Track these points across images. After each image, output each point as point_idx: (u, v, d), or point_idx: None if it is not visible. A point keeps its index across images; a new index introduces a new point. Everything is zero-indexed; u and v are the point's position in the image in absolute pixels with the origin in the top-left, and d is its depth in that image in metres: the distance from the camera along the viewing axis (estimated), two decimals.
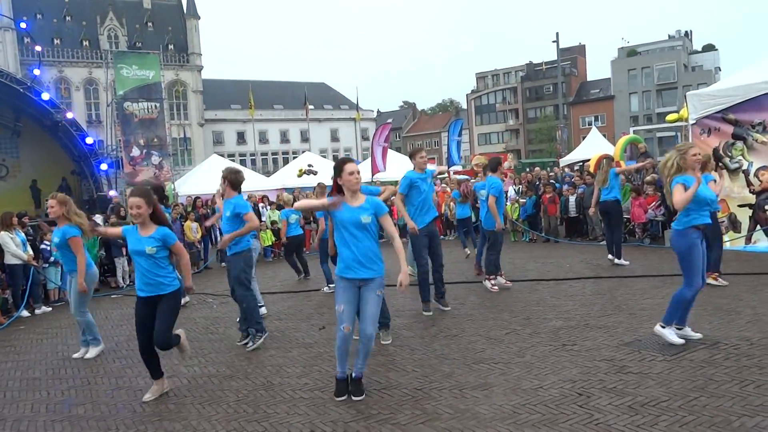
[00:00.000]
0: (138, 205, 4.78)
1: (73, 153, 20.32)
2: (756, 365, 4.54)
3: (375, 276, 4.48)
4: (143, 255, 4.77)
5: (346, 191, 4.53)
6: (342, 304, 4.46)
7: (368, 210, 4.47)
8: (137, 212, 4.78)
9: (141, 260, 4.81)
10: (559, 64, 38.60)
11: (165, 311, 4.81)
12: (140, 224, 4.85)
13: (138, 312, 4.89)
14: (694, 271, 5.15)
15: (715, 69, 64.03)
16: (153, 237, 4.80)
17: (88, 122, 45.55)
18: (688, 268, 5.19)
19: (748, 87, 10.03)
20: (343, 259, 4.48)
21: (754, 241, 10.19)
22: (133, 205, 4.79)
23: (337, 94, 68.85)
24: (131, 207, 4.81)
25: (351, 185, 4.50)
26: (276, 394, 4.82)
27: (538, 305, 7.28)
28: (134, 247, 4.82)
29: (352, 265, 4.44)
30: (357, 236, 4.44)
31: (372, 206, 4.50)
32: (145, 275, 4.80)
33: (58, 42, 48.99)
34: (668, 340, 5.20)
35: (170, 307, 4.85)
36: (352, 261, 4.44)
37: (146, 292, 4.82)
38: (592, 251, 11.62)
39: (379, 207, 4.53)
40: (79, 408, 4.89)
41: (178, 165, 44.61)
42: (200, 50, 55.35)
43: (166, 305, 4.82)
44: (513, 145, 72.64)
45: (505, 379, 4.72)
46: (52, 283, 10.53)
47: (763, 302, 6.50)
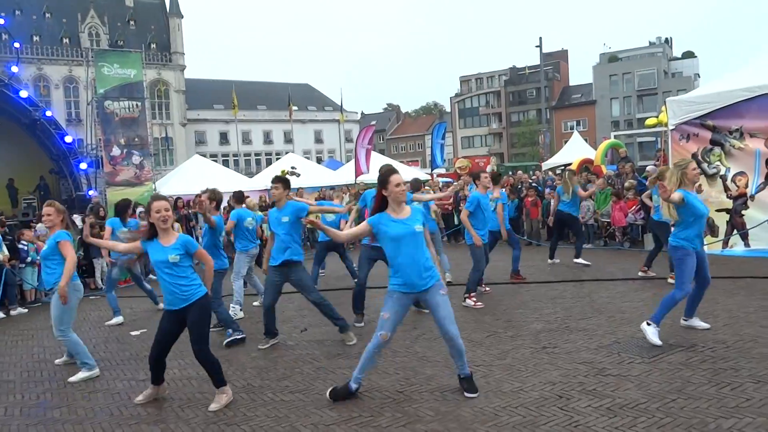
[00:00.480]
0: (166, 208, 4.59)
1: (52, 152, 20.01)
2: (732, 368, 4.60)
3: (436, 282, 4.42)
4: (166, 264, 4.55)
5: (391, 202, 4.41)
6: (389, 312, 4.40)
7: (419, 220, 4.42)
8: (165, 215, 4.55)
9: (164, 272, 4.57)
10: (542, 68, 38.91)
11: (196, 324, 4.58)
12: (162, 231, 4.62)
13: (162, 325, 4.71)
14: (686, 277, 5.43)
15: (694, 75, 65.02)
16: (175, 246, 4.58)
17: (67, 121, 44.93)
18: (681, 274, 5.46)
19: (726, 94, 10.19)
20: (402, 274, 4.35)
21: (730, 245, 10.35)
22: (162, 208, 4.57)
23: (321, 95, 68.72)
24: (158, 211, 4.55)
25: (398, 198, 4.38)
26: (256, 397, 4.79)
27: (519, 308, 7.32)
28: (157, 257, 4.58)
29: (413, 279, 4.34)
30: (416, 245, 4.35)
31: (420, 214, 4.48)
32: (170, 287, 4.57)
33: (38, 39, 48.25)
34: (648, 339, 5.34)
35: (200, 317, 4.61)
36: (414, 275, 4.33)
37: (173, 305, 4.60)
38: (573, 254, 11.70)
39: (422, 213, 4.54)
40: (55, 411, 4.82)
41: (160, 165, 44.16)
42: (183, 49, 54.89)
43: (195, 315, 4.58)
44: (496, 148, 73.04)
45: (486, 381, 4.74)
46: (28, 284, 10.36)
47: (739, 306, 6.61)
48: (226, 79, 58.79)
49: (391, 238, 4.35)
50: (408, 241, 4.33)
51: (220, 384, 4.71)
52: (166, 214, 4.57)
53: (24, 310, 9.79)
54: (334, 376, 5.15)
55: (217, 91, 58.53)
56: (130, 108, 24.12)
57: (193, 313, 4.58)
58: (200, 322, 4.62)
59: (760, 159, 9.89)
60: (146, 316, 8.63)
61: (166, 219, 4.58)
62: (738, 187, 10.19)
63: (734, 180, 10.24)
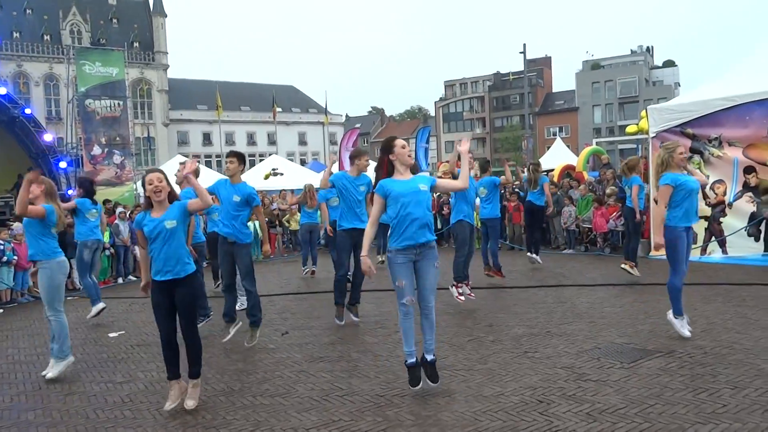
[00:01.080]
0: (159, 179, 4.48)
1: (31, 150, 19.69)
2: (709, 373, 4.66)
3: (431, 241, 4.55)
4: (162, 234, 4.43)
5: (399, 166, 4.58)
6: (402, 279, 4.49)
7: (424, 181, 4.56)
8: (159, 186, 4.45)
9: (158, 242, 4.47)
10: (526, 74, 39.17)
11: (186, 298, 4.54)
12: (158, 204, 4.51)
13: (155, 299, 4.57)
14: (678, 259, 5.62)
15: (674, 84, 66.00)
16: (171, 209, 4.51)
17: (47, 119, 44.33)
18: (673, 257, 5.65)
19: (706, 103, 10.35)
20: (403, 229, 4.46)
21: (708, 252, 10.51)
22: (155, 179, 4.47)
23: (306, 97, 68.57)
24: (150, 183, 4.46)
25: (405, 159, 4.57)
26: (236, 400, 4.74)
27: (501, 312, 7.34)
28: (150, 228, 4.47)
29: (413, 232, 4.45)
30: (419, 202, 4.46)
31: (425, 179, 4.61)
32: (163, 257, 4.47)
33: (18, 35, 47.60)
34: (677, 330, 5.64)
35: (190, 291, 4.57)
36: (414, 227, 4.45)
37: (164, 276, 4.49)
38: (555, 259, 11.81)
39: (431, 179, 4.66)
40: (29, 413, 4.72)
41: (141, 165, 43.69)
42: (166, 49, 54.52)
43: (185, 289, 4.52)
44: (479, 153, 73.36)
45: (467, 385, 4.74)
46: (3, 284, 10.18)
47: (717, 312, 6.69)
48: (210, 80, 58.46)
49: (396, 195, 4.47)
50: (411, 198, 4.46)
51: (196, 374, 4.68)
52: (159, 185, 4.47)
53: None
54: (315, 379, 5.12)
55: (201, 91, 58.16)
56: (112, 107, 23.88)
57: (182, 288, 4.54)
58: (192, 297, 4.62)
59: (738, 167, 10.06)
60: (125, 317, 8.51)
61: (159, 190, 4.47)
62: (716, 194, 10.35)
63: (713, 188, 10.39)
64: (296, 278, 11.43)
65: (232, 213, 6.31)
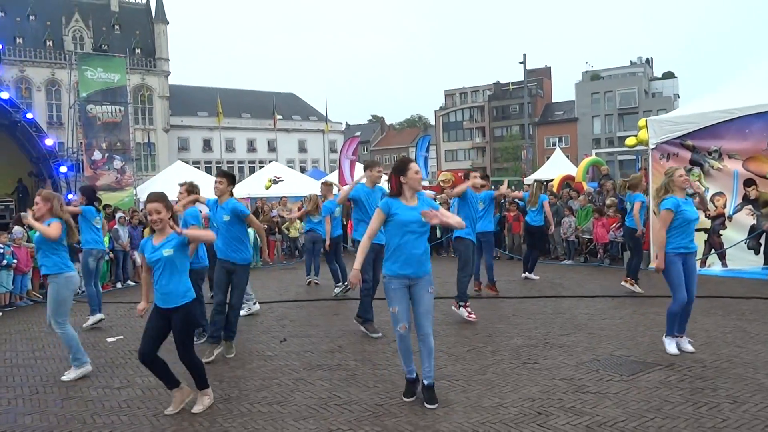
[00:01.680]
0: (158, 210, 4.52)
1: (32, 154, 19.73)
2: (709, 387, 4.65)
3: (426, 273, 4.55)
4: (160, 262, 4.49)
5: (407, 190, 4.55)
6: (396, 305, 4.49)
7: (425, 207, 4.53)
8: (157, 218, 4.51)
9: (157, 270, 4.53)
10: (526, 84, 39.35)
11: (181, 327, 4.57)
12: (159, 232, 4.58)
13: (151, 320, 4.61)
14: (674, 287, 5.54)
15: (674, 96, 66.21)
16: (169, 239, 4.54)
17: (48, 123, 44.37)
18: (670, 284, 5.59)
19: (706, 115, 10.38)
20: (401, 258, 4.46)
21: (708, 265, 10.50)
22: (152, 210, 4.52)
23: (306, 105, 68.71)
24: (150, 213, 4.53)
25: (416, 185, 4.55)
26: (233, 408, 4.72)
27: (500, 322, 7.33)
28: (151, 256, 4.54)
29: (411, 263, 4.46)
30: (421, 232, 4.51)
31: (428, 204, 4.57)
32: (162, 286, 4.53)
33: (21, 41, 47.73)
34: (666, 349, 5.59)
35: (185, 321, 4.59)
36: (413, 260, 4.46)
37: (162, 303, 4.55)
38: (554, 270, 11.80)
39: (433, 204, 4.63)
40: (26, 417, 4.70)
41: (141, 170, 43.78)
42: (168, 55, 54.64)
43: (181, 319, 4.55)
44: (479, 162, 73.50)
45: (465, 396, 4.72)
46: (3, 287, 10.16)
47: (716, 325, 6.68)
48: (211, 87, 58.62)
49: (399, 221, 4.46)
50: (415, 228, 4.48)
51: (203, 386, 4.72)
52: (158, 217, 4.53)
53: None
54: (313, 387, 5.11)
55: (202, 98, 58.29)
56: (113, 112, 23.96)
57: (178, 317, 4.56)
58: (185, 325, 4.61)
59: (738, 180, 10.07)
60: (123, 322, 8.49)
61: (158, 221, 4.54)
62: (716, 207, 10.35)
63: (713, 200, 10.40)
64: (295, 285, 11.41)
65: (225, 235, 6.19)
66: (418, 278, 4.52)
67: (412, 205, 4.53)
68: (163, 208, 4.55)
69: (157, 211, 4.52)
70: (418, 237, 4.50)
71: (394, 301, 4.50)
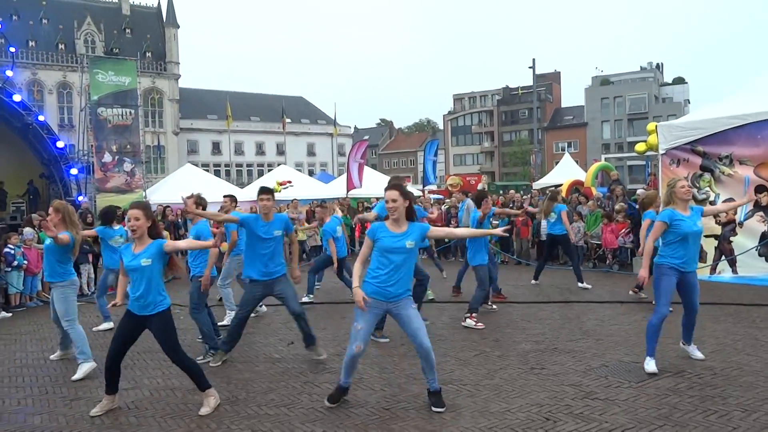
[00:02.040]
0: (136, 217, 4.60)
1: (43, 156, 19.88)
2: (719, 395, 4.61)
3: (408, 295, 4.56)
4: (138, 270, 4.57)
5: (401, 216, 4.51)
6: (362, 323, 4.49)
7: (414, 236, 4.48)
8: (135, 224, 4.59)
9: (134, 277, 4.62)
10: (535, 89, 39.29)
11: (162, 334, 4.66)
12: (138, 240, 4.67)
13: (122, 324, 4.71)
14: (658, 298, 5.37)
15: (684, 101, 65.85)
16: (147, 248, 4.62)
17: (60, 126, 44.70)
18: (656, 293, 5.41)
19: (717, 121, 10.32)
20: (380, 281, 4.46)
21: (718, 272, 10.42)
22: (131, 216, 4.60)
23: (315, 108, 68.88)
24: (129, 218, 4.61)
25: (392, 214, 4.51)
26: (240, 410, 4.73)
27: (508, 327, 7.30)
28: (129, 263, 4.63)
29: (389, 287, 4.46)
30: (404, 259, 4.47)
31: (417, 232, 4.51)
32: (137, 293, 4.60)
33: (33, 44, 48.17)
34: (645, 367, 5.29)
35: (165, 327, 4.67)
36: (391, 283, 4.45)
37: (136, 310, 4.64)
38: (562, 275, 11.74)
39: (424, 230, 4.56)
40: (35, 418, 4.73)
41: (151, 173, 44.04)
42: (178, 59, 54.97)
43: (159, 325, 4.64)
44: (487, 167, 73.39)
45: (473, 401, 4.71)
46: (13, 288, 10.22)
47: (726, 332, 6.63)
48: (221, 90, 58.92)
49: (383, 248, 4.47)
50: (398, 258, 4.45)
51: (205, 387, 4.75)
52: (135, 224, 4.59)
53: (8, 314, 9.64)
54: (320, 390, 5.11)
55: (211, 101, 58.58)
56: (124, 115, 24.13)
57: (156, 324, 4.63)
58: (166, 331, 4.66)
59: (749, 186, 9.99)
60: None
61: (134, 228, 4.60)
62: (727, 213, 10.27)
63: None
64: (303, 288, 11.39)
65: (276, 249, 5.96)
66: (398, 301, 4.50)
67: (400, 232, 4.49)
68: (142, 216, 4.63)
69: (135, 218, 4.61)
70: (401, 262, 4.45)
71: (362, 320, 4.51)
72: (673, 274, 5.29)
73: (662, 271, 5.32)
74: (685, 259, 5.28)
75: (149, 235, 4.69)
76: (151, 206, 4.92)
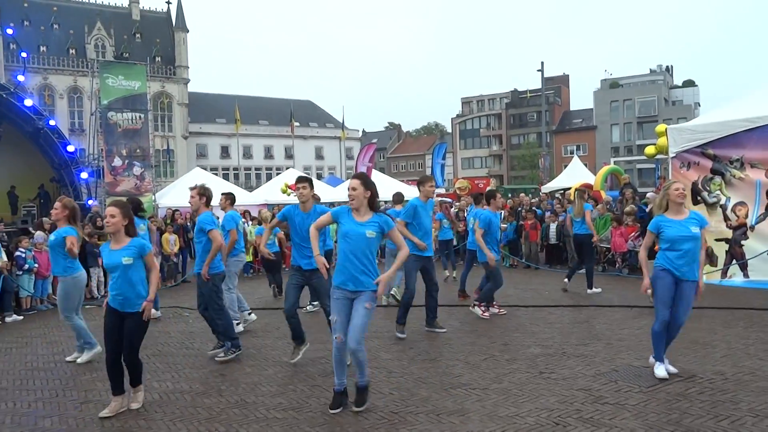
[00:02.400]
0: (112, 214, 4.79)
1: (54, 160, 20.04)
2: (730, 400, 4.57)
3: (369, 291, 4.57)
4: (118, 267, 4.74)
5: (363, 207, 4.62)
6: (336, 314, 4.58)
7: (375, 227, 4.57)
8: (110, 221, 4.79)
9: (114, 275, 4.80)
10: (544, 92, 39.20)
11: (132, 334, 4.79)
12: (113, 236, 4.85)
13: (106, 321, 4.84)
14: (656, 303, 5.28)
15: (694, 104, 65.51)
16: (128, 247, 4.80)
17: (70, 130, 45.12)
18: (654, 301, 5.33)
19: (727, 124, 10.24)
20: (343, 271, 4.57)
21: (729, 276, 10.33)
22: (108, 213, 4.84)
23: (323, 112, 69.08)
24: (106, 216, 4.85)
25: (351, 203, 4.62)
26: (249, 413, 4.74)
27: (516, 331, 7.28)
28: (109, 260, 4.82)
29: (350, 278, 4.55)
30: (363, 247, 4.54)
31: (379, 224, 4.60)
32: (117, 290, 4.77)
33: (44, 49, 48.69)
34: (654, 372, 5.26)
35: (137, 328, 4.81)
36: (353, 273, 4.54)
37: (117, 306, 4.80)
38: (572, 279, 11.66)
39: (387, 225, 4.63)
40: (46, 420, 4.76)
41: (160, 177, 44.29)
42: (187, 63, 55.37)
43: (133, 325, 4.78)
44: (496, 170, 73.30)
45: (482, 405, 4.69)
46: (25, 291, 10.30)
47: (738, 337, 6.57)
48: (229, 94, 59.27)
49: (344, 232, 4.58)
50: (356, 242, 4.52)
51: (137, 383, 4.96)
52: (110, 220, 4.79)
53: (19, 317, 9.70)
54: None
55: (220, 105, 58.93)
56: (133, 119, 24.28)
57: (131, 322, 4.77)
58: (137, 332, 4.82)
59: (761, 190, 9.91)
60: None
61: (109, 224, 4.80)
62: (738, 217, 10.19)
63: (734, 210, 10.24)
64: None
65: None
66: (359, 293, 4.56)
67: (362, 221, 4.58)
68: (118, 214, 4.79)
69: (111, 215, 4.79)
70: (361, 250, 4.53)
71: (335, 311, 4.60)
72: (667, 276, 5.17)
73: (656, 274, 5.23)
74: (677, 264, 5.14)
75: (126, 233, 4.85)
76: (128, 206, 5.06)
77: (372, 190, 4.63)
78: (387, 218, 4.71)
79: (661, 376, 5.15)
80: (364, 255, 4.55)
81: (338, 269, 4.61)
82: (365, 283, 4.55)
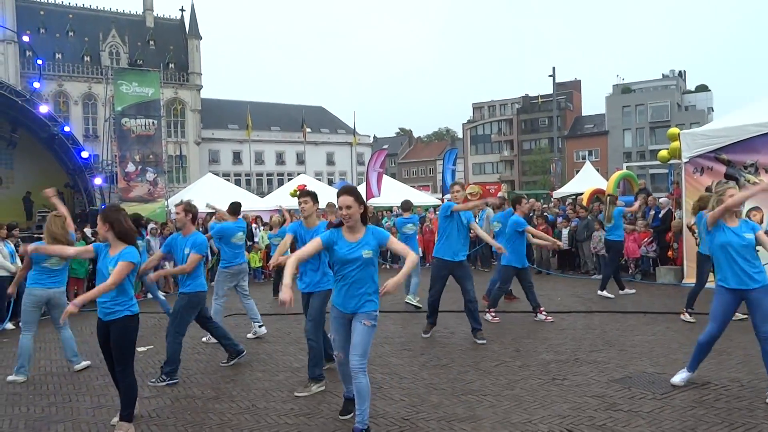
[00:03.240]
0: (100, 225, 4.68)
1: (68, 166, 20.27)
2: (746, 407, 4.51)
3: (369, 310, 4.28)
4: (107, 273, 4.53)
5: (356, 224, 4.23)
6: (334, 333, 4.43)
7: (371, 245, 4.23)
8: (102, 233, 4.66)
9: (103, 279, 4.57)
10: (555, 98, 39.08)
11: (117, 342, 4.57)
12: (109, 244, 4.66)
13: (98, 335, 4.75)
14: (710, 316, 5.09)
15: (708, 109, 64.94)
16: (121, 255, 4.57)
17: (84, 136, 45.55)
18: (711, 311, 5.11)
19: (741, 128, 10.16)
20: (340, 294, 4.31)
21: None
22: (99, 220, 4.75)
23: (335, 118, 69.25)
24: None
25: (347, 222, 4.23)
26: (261, 419, 4.74)
27: (528, 337, 7.24)
28: (101, 264, 4.63)
29: (348, 300, 4.27)
30: (361, 269, 4.23)
31: (374, 239, 4.26)
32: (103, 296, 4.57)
33: (60, 56, 49.21)
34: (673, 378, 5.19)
35: (122, 336, 4.58)
36: (350, 296, 4.25)
37: (101, 316, 4.63)
38: (584, 284, 11.61)
39: (383, 237, 4.31)
40: (59, 425, 4.79)
41: (173, 182, 44.56)
42: (200, 69, 55.73)
43: (117, 333, 4.56)
44: (507, 175, 73.04)
45: (494, 411, 4.66)
46: None
47: (754, 343, 6.44)
48: (241, 100, 59.54)
49: (339, 258, 4.23)
50: (354, 266, 4.21)
51: (127, 419, 4.53)
52: (100, 232, 4.69)
53: None
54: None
55: (232, 111, 59.22)
56: (147, 126, 24.51)
57: (115, 331, 4.56)
58: (122, 340, 4.56)
59: None
60: (153, 332, 8.60)
61: (102, 237, 4.73)
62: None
63: (749, 215, 10.11)
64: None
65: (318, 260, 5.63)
66: (355, 313, 4.28)
67: (354, 240, 4.23)
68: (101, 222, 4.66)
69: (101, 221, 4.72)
70: (358, 273, 4.21)
71: (333, 329, 4.43)
72: (726, 293, 4.91)
73: (716, 289, 5.03)
74: (729, 269, 4.87)
75: (120, 240, 4.62)
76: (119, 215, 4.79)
77: (364, 203, 4.34)
78: (380, 230, 4.36)
79: (677, 383, 5.10)
80: (362, 279, 4.23)
81: (337, 290, 4.36)
82: (364, 306, 4.24)
